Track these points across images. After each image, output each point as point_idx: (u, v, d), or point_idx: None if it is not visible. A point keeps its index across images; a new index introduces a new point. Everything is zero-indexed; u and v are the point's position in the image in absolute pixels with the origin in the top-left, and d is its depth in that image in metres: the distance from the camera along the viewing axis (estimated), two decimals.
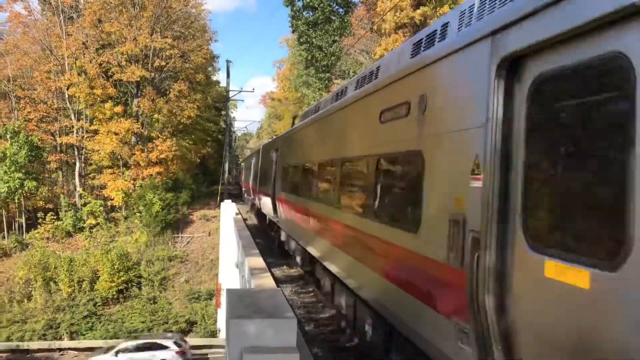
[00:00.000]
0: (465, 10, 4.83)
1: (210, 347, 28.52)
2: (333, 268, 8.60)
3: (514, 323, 3.40)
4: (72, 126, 43.86)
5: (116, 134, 41.12)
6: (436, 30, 5.34)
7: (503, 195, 3.50)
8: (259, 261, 13.41)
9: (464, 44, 4.23)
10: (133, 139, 43.05)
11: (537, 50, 3.31)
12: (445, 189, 4.42)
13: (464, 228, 3.95)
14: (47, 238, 38.80)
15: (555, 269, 2.99)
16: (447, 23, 5.16)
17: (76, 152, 44.12)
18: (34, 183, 38.95)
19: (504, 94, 3.57)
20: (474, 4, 4.67)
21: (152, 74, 43.31)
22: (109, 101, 42.45)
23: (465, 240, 3.92)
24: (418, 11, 30.53)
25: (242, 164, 49.35)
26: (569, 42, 3.03)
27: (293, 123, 18.86)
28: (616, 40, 2.69)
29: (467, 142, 4.03)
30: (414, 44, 5.90)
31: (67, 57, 42.33)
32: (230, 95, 49.60)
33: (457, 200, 4.13)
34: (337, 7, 41.66)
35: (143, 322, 31.27)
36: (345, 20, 40.46)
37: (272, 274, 12.99)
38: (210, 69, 59.00)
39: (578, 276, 2.80)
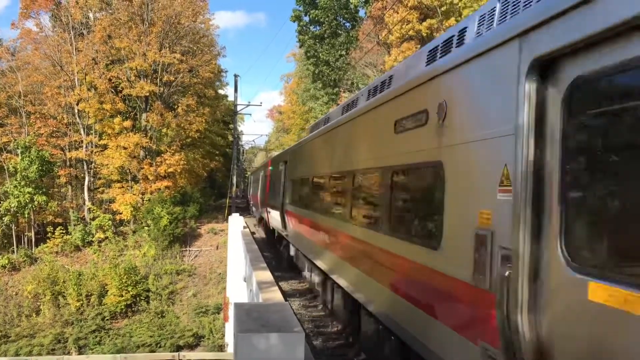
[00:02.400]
0: (485, 14, 4.61)
1: None
2: None
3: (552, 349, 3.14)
4: (82, 141, 44.22)
5: (125, 148, 41.39)
6: (453, 36, 5.17)
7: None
8: (266, 275, 13.38)
9: (489, 47, 3.96)
10: (142, 153, 43.30)
11: (575, 50, 3.02)
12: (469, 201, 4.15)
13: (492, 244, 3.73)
14: (56, 252, 38.93)
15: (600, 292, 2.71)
16: (465, 28, 4.97)
17: (85, 167, 44.42)
18: (44, 197, 39.17)
19: (535, 98, 3.34)
20: (495, 7, 4.44)
21: (161, 89, 43.69)
22: (118, 116, 42.81)
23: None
24: (424, 24, 30.71)
25: (254, 174, 39.92)
26: (609, 41, 2.75)
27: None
28: None
29: (494, 151, 3.79)
30: (429, 52, 5.74)
31: (77, 73, 42.82)
32: (238, 109, 49.91)
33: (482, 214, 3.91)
34: (343, 21, 42.03)
35: (151, 337, 31.18)
36: (352, 35, 40.74)
37: (280, 288, 12.96)
38: (217, 83, 59.41)
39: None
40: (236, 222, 28.87)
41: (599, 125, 2.97)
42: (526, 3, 3.90)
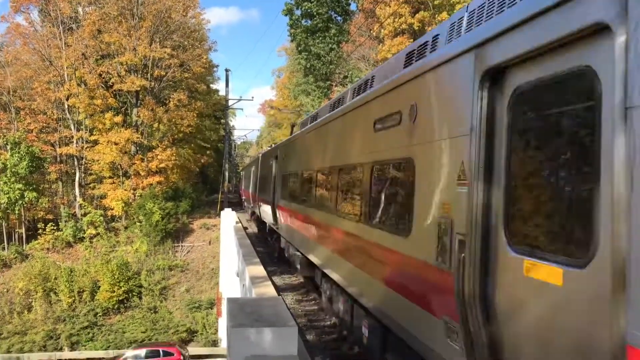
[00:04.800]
0: (454, 22, 4.91)
1: (212, 356, 28.39)
2: None
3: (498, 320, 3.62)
4: (72, 136, 43.92)
5: (116, 143, 41.15)
6: (427, 41, 5.47)
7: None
8: (259, 269, 13.36)
9: (450, 56, 4.36)
10: (133, 148, 43.07)
11: (517, 62, 3.44)
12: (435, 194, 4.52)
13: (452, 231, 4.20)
14: (47, 249, 38.73)
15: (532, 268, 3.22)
16: (437, 35, 5.26)
17: (76, 163, 44.14)
18: (34, 194, 38.90)
19: (487, 103, 3.74)
20: (462, 17, 4.77)
21: (152, 84, 43.42)
22: (109, 111, 42.54)
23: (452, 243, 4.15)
24: (417, 16, 30.72)
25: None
26: (545, 55, 3.19)
27: (292, 132, 16.97)
28: (585, 56, 2.89)
29: (454, 149, 4.23)
30: (407, 55, 6.04)
31: (67, 68, 42.46)
32: (229, 104, 49.72)
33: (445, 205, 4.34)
34: (335, 15, 41.94)
35: (144, 332, 31.14)
36: (343, 28, 40.70)
37: (273, 283, 12.96)
38: (209, 78, 59.14)
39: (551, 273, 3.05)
40: (228, 217, 28.82)
41: (539, 127, 3.38)
42: (488, 16, 4.18)
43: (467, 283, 3.78)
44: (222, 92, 55.93)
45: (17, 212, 39.32)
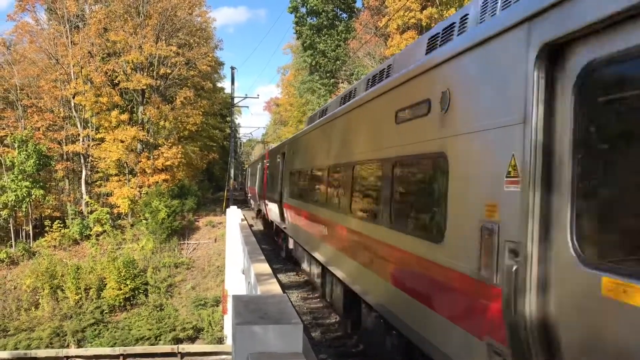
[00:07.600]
0: (487, 1, 4.45)
1: (217, 353, 28.43)
2: None
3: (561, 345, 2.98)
4: (79, 134, 44.06)
5: (122, 141, 41.25)
6: (454, 23, 4.99)
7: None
8: (265, 267, 13.34)
9: (496, 32, 3.75)
10: (139, 146, 43.18)
11: (588, 33, 2.85)
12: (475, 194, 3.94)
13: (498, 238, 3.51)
14: (54, 246, 38.88)
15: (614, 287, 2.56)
16: (466, 15, 4.75)
17: (82, 160, 44.28)
18: (41, 191, 39.06)
19: (544, 86, 3.17)
20: None
21: (158, 82, 43.47)
22: (115, 109, 42.63)
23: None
24: (425, 12, 30.67)
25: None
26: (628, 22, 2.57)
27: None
28: None
29: (502, 141, 3.59)
30: (429, 39, 5.58)
31: (73, 66, 42.58)
32: (235, 101, 49.74)
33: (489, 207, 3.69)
34: (340, 12, 41.91)
35: (150, 330, 31.22)
36: (349, 25, 40.67)
37: (279, 280, 12.94)
38: (215, 76, 59.18)
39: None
40: (234, 215, 28.79)
41: (613, 114, 2.82)
42: None
43: (519, 302, 3.22)
44: (227, 90, 56.05)
45: (24, 209, 39.50)
